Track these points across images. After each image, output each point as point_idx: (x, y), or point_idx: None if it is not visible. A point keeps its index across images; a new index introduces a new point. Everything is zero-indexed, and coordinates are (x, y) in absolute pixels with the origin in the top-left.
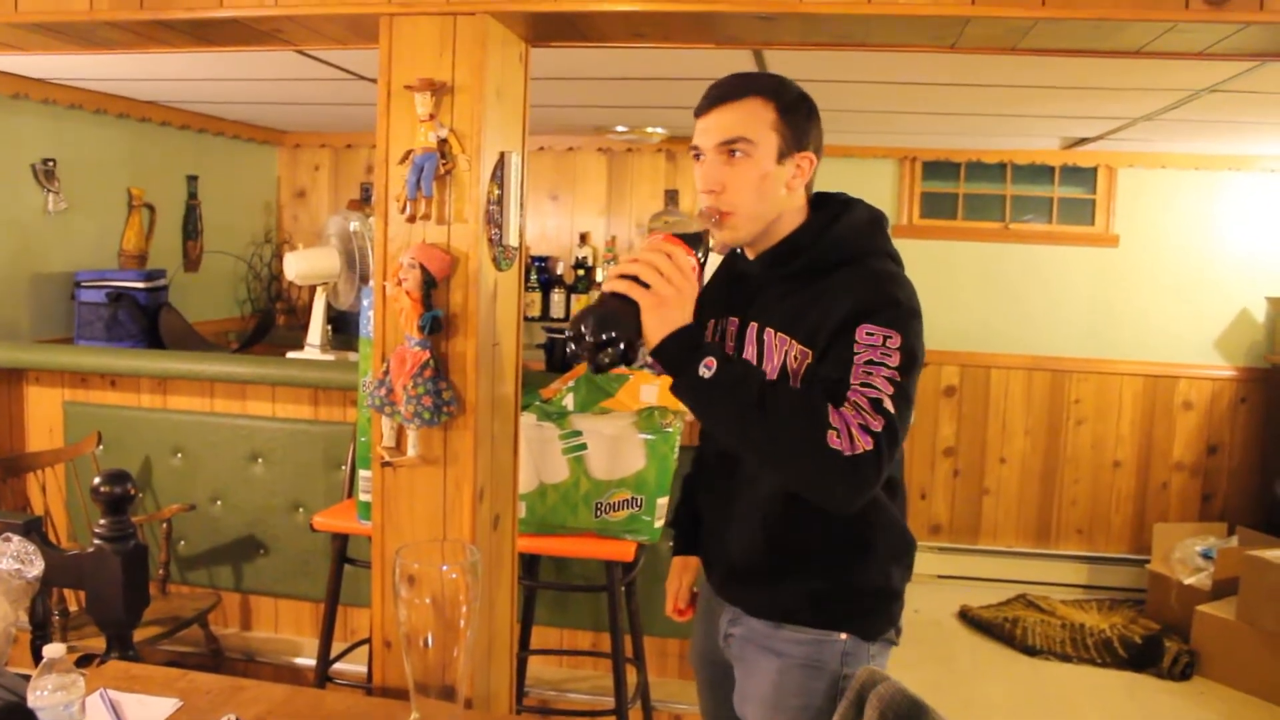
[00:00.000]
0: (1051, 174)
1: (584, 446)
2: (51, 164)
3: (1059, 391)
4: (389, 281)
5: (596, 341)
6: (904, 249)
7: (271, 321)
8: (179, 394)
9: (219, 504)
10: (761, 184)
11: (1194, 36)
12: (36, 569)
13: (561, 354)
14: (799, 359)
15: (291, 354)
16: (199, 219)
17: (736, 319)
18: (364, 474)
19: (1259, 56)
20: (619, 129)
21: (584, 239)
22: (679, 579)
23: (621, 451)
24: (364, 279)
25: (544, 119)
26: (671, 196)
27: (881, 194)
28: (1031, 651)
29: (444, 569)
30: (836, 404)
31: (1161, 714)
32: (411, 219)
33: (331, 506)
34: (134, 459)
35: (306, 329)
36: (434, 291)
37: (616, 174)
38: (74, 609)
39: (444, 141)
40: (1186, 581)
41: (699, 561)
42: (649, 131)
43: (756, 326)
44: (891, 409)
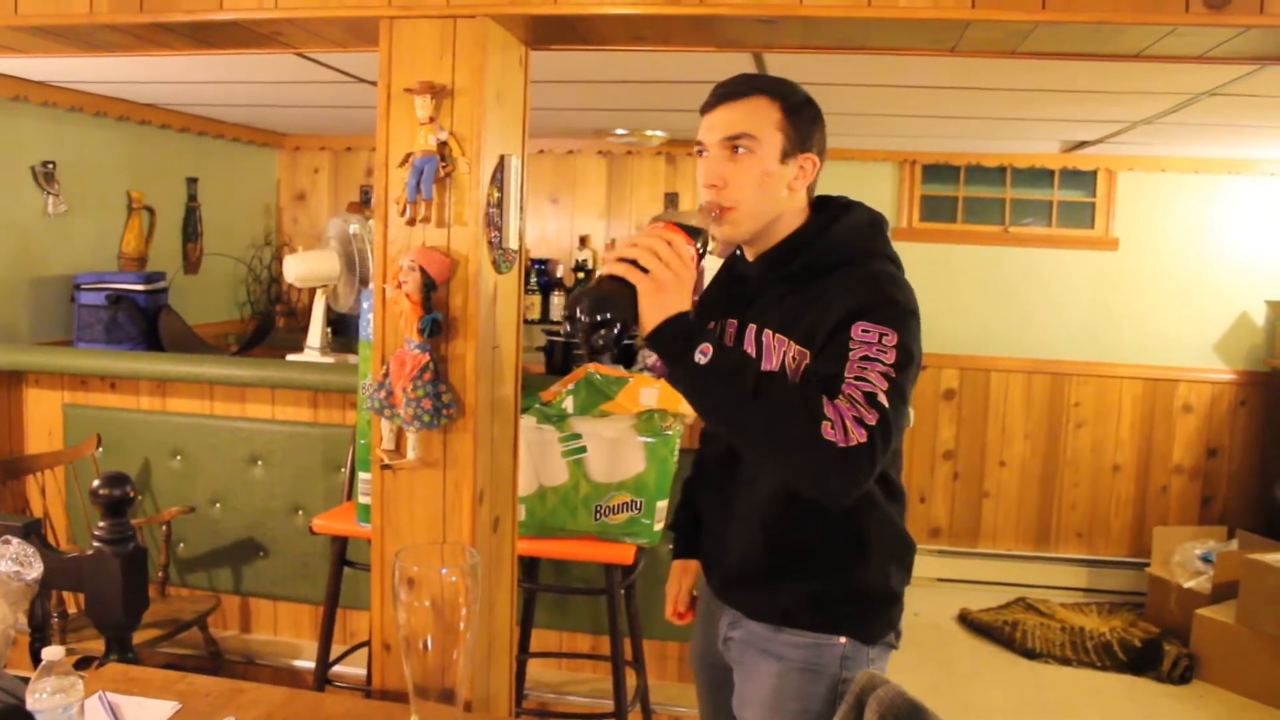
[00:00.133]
0: (1051, 177)
1: (584, 449)
2: (51, 166)
3: (1059, 395)
4: (389, 284)
5: (591, 322)
6: (904, 252)
7: (271, 324)
8: (178, 396)
9: (218, 506)
10: (763, 181)
11: (1194, 40)
12: (36, 571)
13: (562, 357)
14: (797, 359)
15: (291, 356)
16: (199, 221)
17: (735, 320)
18: (363, 476)
19: (1259, 60)
20: (619, 132)
21: (584, 242)
22: (679, 582)
23: (621, 454)
24: (364, 281)
25: (544, 122)
26: (671, 199)
27: (881, 197)
28: (1031, 655)
29: (443, 572)
30: (831, 397)
31: (1161, 717)
32: (411, 222)
33: (331, 509)
34: (133, 461)
35: (306, 331)
36: (434, 294)
37: (616, 177)
38: (73, 611)
39: (444, 144)
40: (1186, 585)
41: (699, 565)
42: (649, 134)
43: (755, 328)
44: (886, 403)
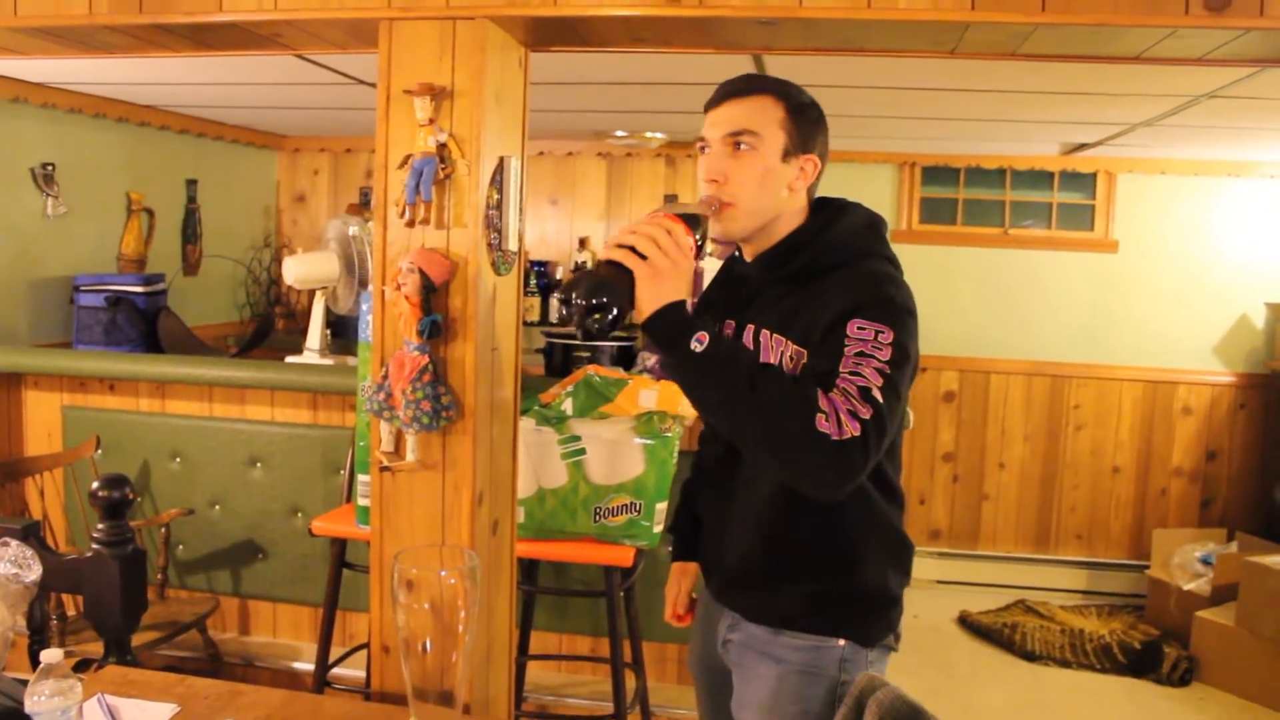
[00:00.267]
0: (1051, 179)
1: (583, 451)
2: (51, 168)
3: (1058, 397)
4: (388, 286)
5: (588, 305)
6: (903, 254)
7: (270, 326)
8: (178, 398)
9: (218, 508)
10: (764, 179)
11: (1193, 42)
12: (34, 574)
13: (561, 359)
14: (794, 359)
15: (290, 358)
16: (198, 223)
17: (734, 321)
18: (363, 478)
19: (1258, 62)
20: (618, 134)
21: (583, 244)
22: (678, 584)
23: (620, 456)
24: (363, 283)
25: (544, 124)
26: (671, 201)
27: (881, 199)
28: (1031, 657)
29: (443, 574)
30: (826, 391)
31: (1161, 719)
32: (410, 223)
33: (330, 511)
34: (132, 463)
35: (305, 333)
36: (433, 296)
37: (616, 179)
38: (72, 614)
39: (443, 146)
40: (1186, 587)
41: (698, 567)
42: (648, 136)
43: (753, 328)
44: (880, 399)
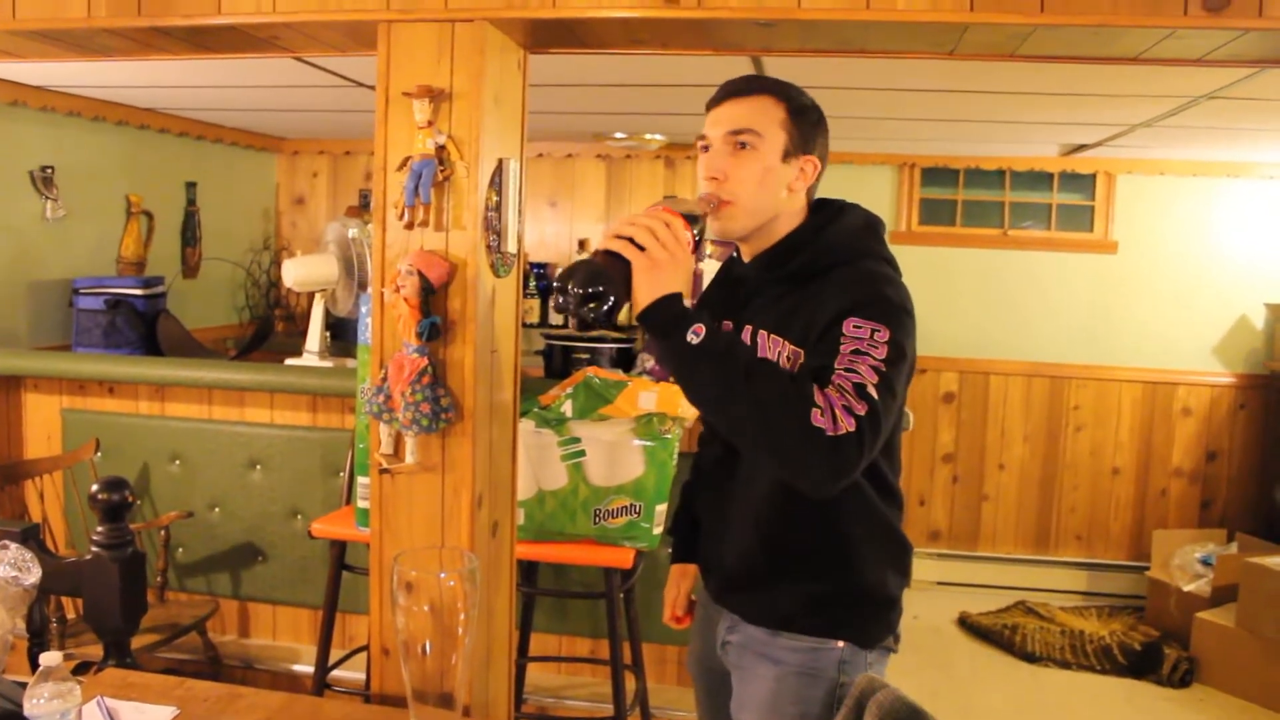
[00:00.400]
0: (1050, 180)
1: (582, 453)
2: (50, 171)
3: (1058, 398)
4: (387, 288)
5: (584, 294)
6: (902, 255)
7: (270, 328)
8: (177, 401)
9: (217, 511)
10: (764, 178)
11: (1192, 43)
12: (34, 576)
13: (560, 361)
14: (791, 359)
15: (290, 361)
16: (197, 226)
17: (731, 322)
18: (362, 481)
19: (1258, 63)
20: (618, 135)
21: (582, 245)
22: (677, 586)
23: (620, 458)
24: (362, 286)
25: (543, 126)
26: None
27: (880, 200)
28: (1031, 658)
29: (442, 576)
30: (821, 387)
31: None
32: (409, 225)
33: (330, 513)
34: (132, 466)
35: (305, 336)
36: (432, 298)
37: (615, 180)
38: (71, 616)
39: (442, 148)
40: (1186, 588)
41: (697, 569)
42: (648, 138)
43: (751, 328)
44: (875, 395)
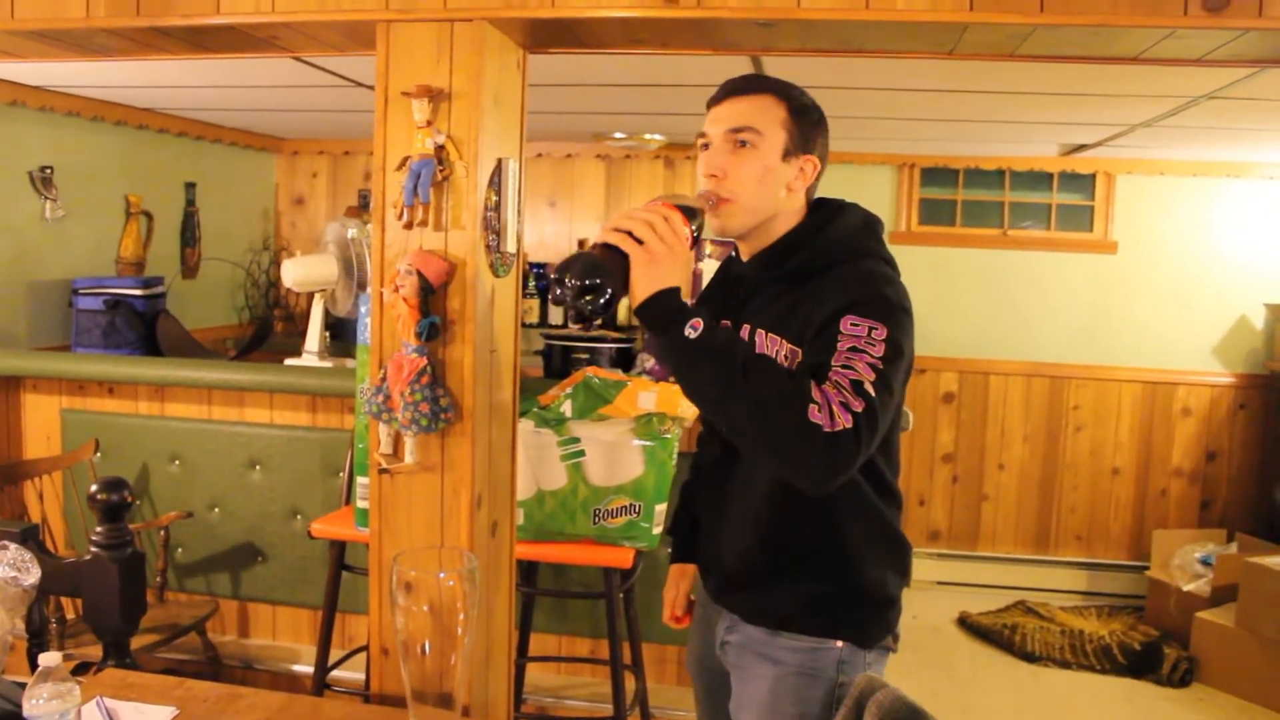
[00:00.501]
0: (1050, 180)
1: (582, 453)
2: (49, 171)
3: (1058, 398)
4: (386, 288)
5: (581, 286)
6: (902, 256)
7: (269, 328)
8: (177, 401)
9: (217, 511)
10: (764, 177)
11: (1192, 43)
12: (33, 576)
13: (560, 361)
14: (789, 358)
15: (289, 361)
16: (197, 226)
17: (729, 321)
18: (361, 481)
19: (1257, 63)
20: (617, 136)
21: (582, 245)
22: (676, 586)
23: (620, 458)
24: (361, 286)
25: (542, 126)
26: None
27: (880, 200)
28: (1031, 658)
29: (441, 576)
30: (818, 383)
31: None
32: (409, 225)
33: (329, 513)
34: (131, 466)
35: (304, 336)
36: (431, 298)
37: (615, 180)
38: (71, 617)
39: (441, 148)
40: (1186, 588)
41: (696, 569)
42: (647, 138)
43: (749, 328)
44: (872, 393)
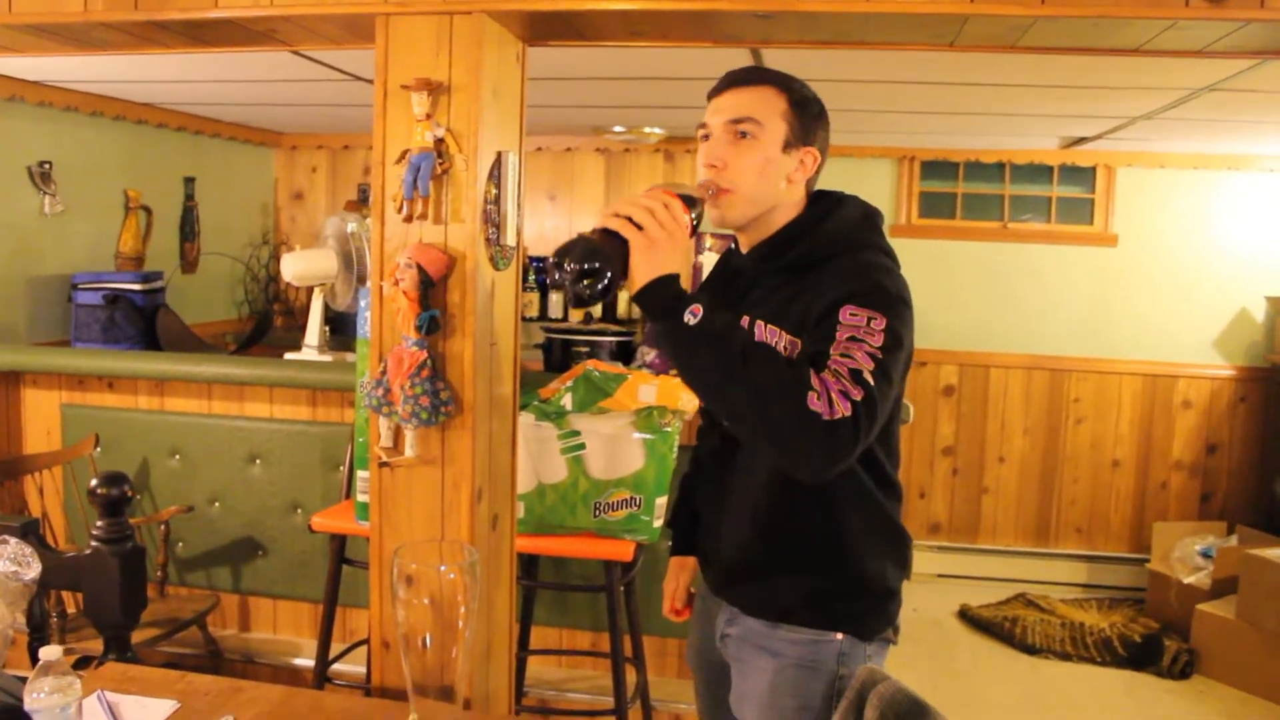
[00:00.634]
0: (1050, 173)
1: (582, 446)
2: (48, 166)
3: (1058, 391)
4: (386, 281)
5: (580, 269)
6: (902, 249)
7: (269, 323)
8: (176, 396)
9: (217, 505)
10: (764, 168)
11: (1194, 34)
12: (34, 571)
13: (560, 354)
14: (789, 349)
15: (289, 355)
16: (196, 221)
17: (729, 313)
18: (362, 474)
19: (1259, 55)
20: (616, 129)
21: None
22: (676, 579)
23: (620, 451)
24: (361, 280)
25: (542, 120)
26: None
27: (880, 194)
28: (1031, 650)
29: (442, 569)
30: (817, 372)
31: (1161, 713)
32: (408, 219)
33: (330, 507)
34: (132, 461)
35: (304, 330)
36: (431, 291)
37: (614, 174)
38: (72, 611)
39: (440, 141)
40: (1186, 580)
41: (696, 561)
42: (647, 132)
43: (748, 319)
44: (871, 382)
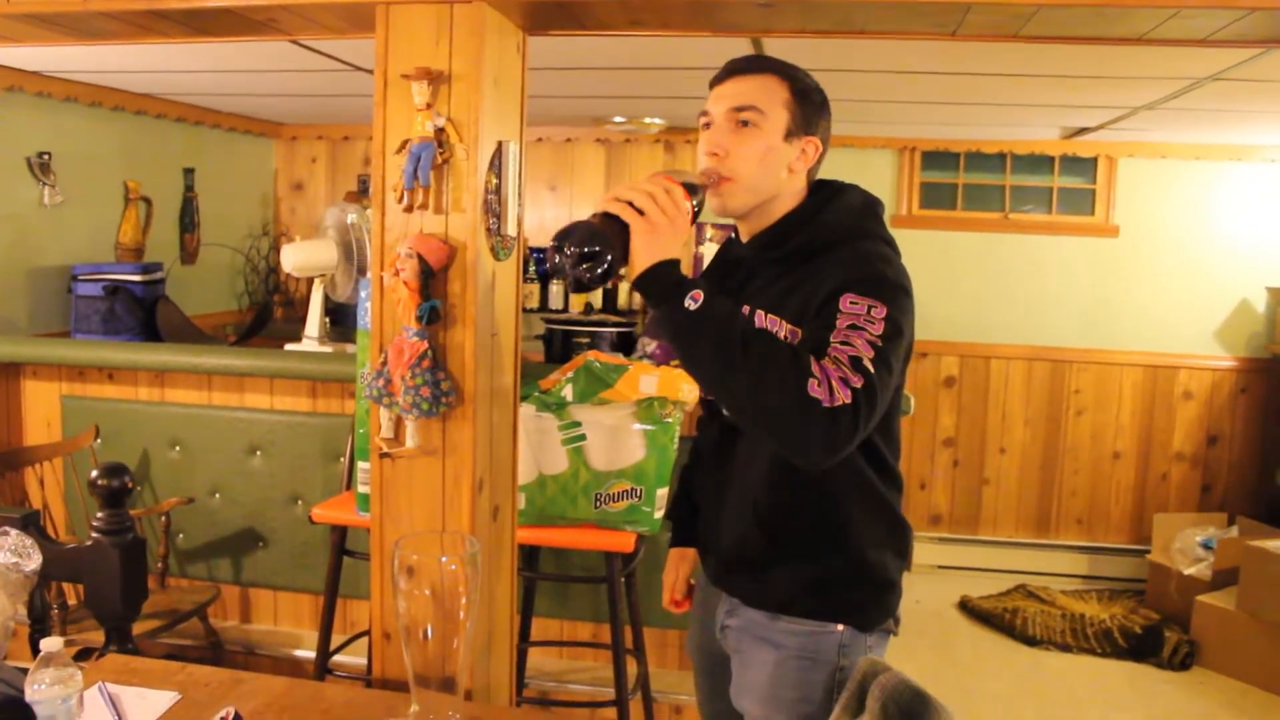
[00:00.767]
0: (1051, 164)
1: (583, 437)
2: (47, 157)
3: (1059, 382)
4: (386, 272)
5: (580, 253)
6: (903, 239)
7: (269, 314)
8: (177, 387)
9: (217, 497)
10: (765, 157)
11: (1197, 23)
12: (35, 563)
13: (561, 345)
14: (789, 339)
15: (289, 346)
16: (196, 211)
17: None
18: (362, 466)
19: (1262, 43)
20: (617, 119)
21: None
22: (675, 570)
23: (621, 442)
24: (361, 271)
25: (542, 110)
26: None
27: (880, 184)
28: (1032, 642)
29: (443, 560)
30: (818, 359)
31: (1162, 704)
32: (409, 209)
33: (330, 498)
34: (132, 452)
35: (304, 321)
36: (431, 281)
37: (615, 165)
38: (73, 602)
39: (441, 130)
40: (1186, 572)
41: (696, 553)
42: (647, 122)
43: (749, 309)
44: (871, 369)
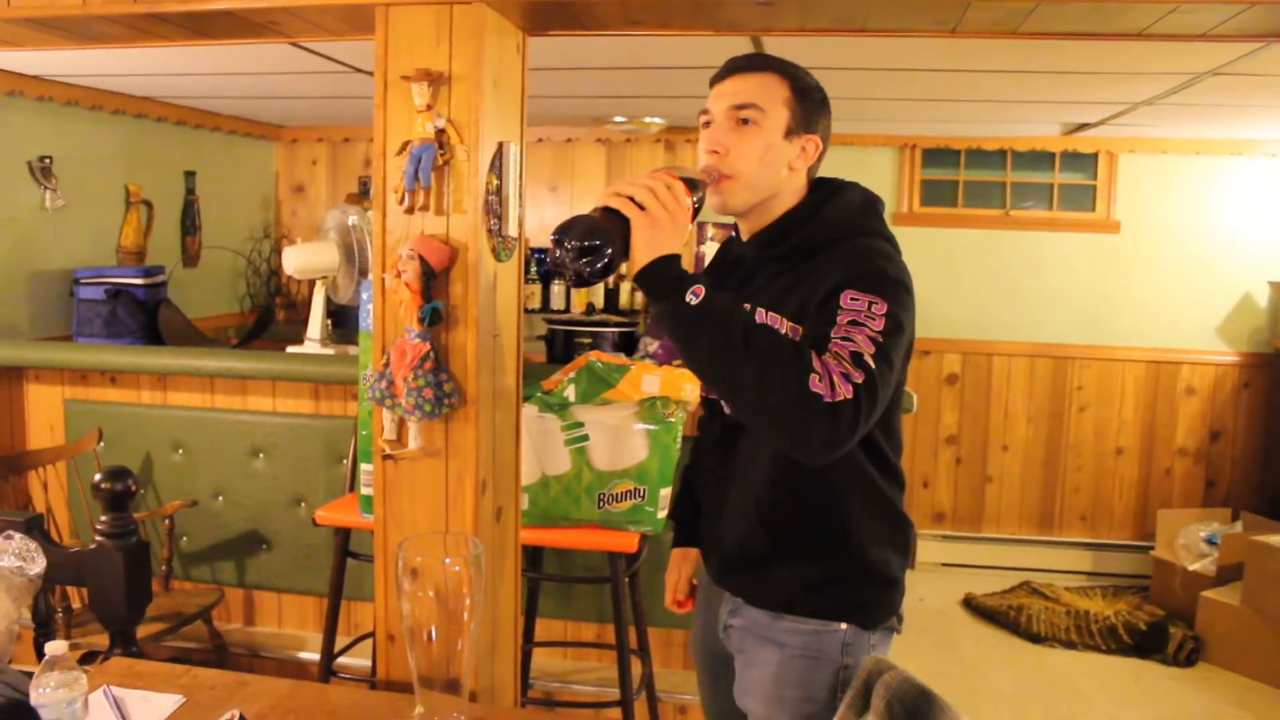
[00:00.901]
0: (1052, 160)
1: (586, 438)
2: (48, 161)
3: (1061, 378)
4: (388, 273)
5: (581, 246)
6: (904, 237)
7: (271, 316)
8: (179, 390)
9: (221, 499)
10: (765, 154)
11: (1197, 18)
12: (38, 566)
13: (563, 346)
14: (790, 336)
15: (291, 348)
16: (197, 214)
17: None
18: (365, 467)
19: (1263, 38)
20: (617, 119)
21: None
22: (678, 570)
23: (624, 442)
24: (363, 272)
25: (542, 110)
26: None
27: (881, 182)
28: (1036, 639)
29: (447, 561)
30: (819, 354)
31: (1166, 700)
32: (410, 210)
33: (333, 500)
34: (135, 455)
35: (306, 323)
36: (433, 283)
37: (615, 165)
38: (77, 606)
39: (441, 132)
40: (1191, 567)
41: (698, 553)
42: (647, 122)
43: (749, 307)
44: (872, 365)
